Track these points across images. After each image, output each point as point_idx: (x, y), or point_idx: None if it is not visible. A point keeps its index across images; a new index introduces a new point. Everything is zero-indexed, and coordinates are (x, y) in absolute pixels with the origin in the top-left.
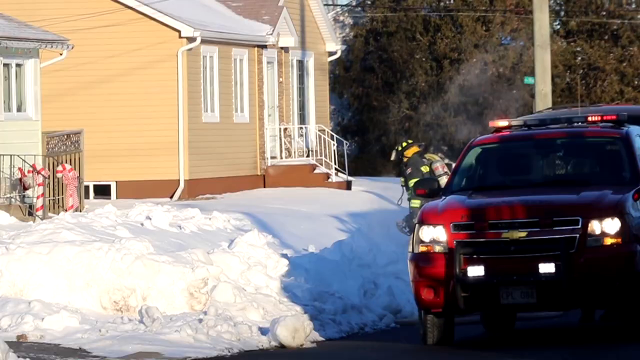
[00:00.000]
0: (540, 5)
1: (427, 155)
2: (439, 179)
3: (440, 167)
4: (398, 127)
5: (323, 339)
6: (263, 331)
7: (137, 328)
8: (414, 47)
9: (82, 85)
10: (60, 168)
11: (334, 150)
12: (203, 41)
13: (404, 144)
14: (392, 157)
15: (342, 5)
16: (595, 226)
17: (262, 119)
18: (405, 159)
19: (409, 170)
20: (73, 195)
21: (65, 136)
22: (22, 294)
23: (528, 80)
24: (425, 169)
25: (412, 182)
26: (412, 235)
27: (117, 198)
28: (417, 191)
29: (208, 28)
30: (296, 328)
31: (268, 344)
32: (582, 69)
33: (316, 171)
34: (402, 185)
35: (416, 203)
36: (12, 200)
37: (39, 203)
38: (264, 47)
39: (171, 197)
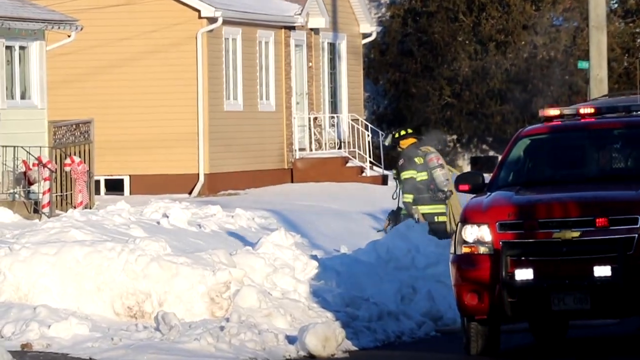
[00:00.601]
0: None
1: (423, 148)
2: (433, 171)
3: (435, 159)
4: (438, 116)
5: (356, 349)
6: (290, 340)
7: (153, 336)
8: (457, 28)
9: (92, 70)
10: (68, 161)
11: (369, 142)
12: (225, 22)
13: (402, 132)
14: (387, 142)
15: None
16: None
17: (290, 107)
18: (400, 149)
19: (401, 162)
20: (82, 190)
21: (74, 126)
22: (26, 298)
23: (582, 64)
24: (419, 160)
25: (404, 175)
26: (454, 235)
27: (130, 194)
28: (459, 187)
29: (231, 7)
30: (327, 336)
31: (296, 354)
32: None
33: (349, 164)
34: (394, 178)
35: (409, 197)
36: (16, 196)
37: (45, 199)
38: (292, 28)
39: (190, 192)
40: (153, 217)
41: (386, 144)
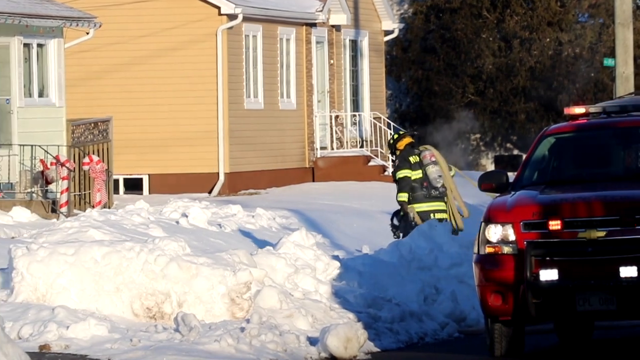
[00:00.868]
0: None
1: (422, 147)
2: (426, 168)
3: (429, 156)
4: (462, 114)
5: (378, 350)
6: (312, 341)
7: (173, 337)
8: (480, 25)
9: (111, 67)
10: (86, 160)
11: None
12: (245, 19)
13: (396, 136)
14: (388, 152)
15: None
16: None
17: (311, 105)
18: (397, 152)
19: (396, 162)
20: (101, 190)
21: (92, 124)
22: (44, 299)
23: (608, 62)
24: (414, 159)
25: (398, 175)
26: (477, 235)
27: (149, 193)
28: (483, 186)
29: (251, 4)
30: (349, 337)
31: (317, 355)
32: None
33: (371, 163)
34: (394, 180)
35: (403, 196)
36: (34, 195)
37: (63, 199)
38: (313, 25)
39: (210, 192)
40: (172, 216)
41: (388, 154)
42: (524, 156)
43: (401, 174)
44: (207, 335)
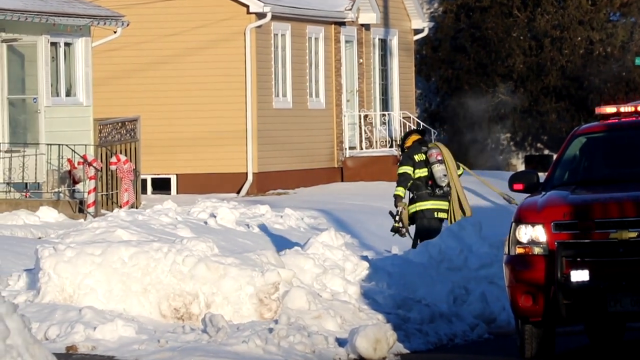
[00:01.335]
0: None
1: (431, 144)
2: (432, 166)
3: (435, 154)
4: (492, 113)
5: (408, 351)
6: (340, 342)
7: (200, 338)
8: (511, 23)
9: (139, 66)
10: (114, 159)
11: None
12: (274, 17)
13: (403, 135)
14: (400, 157)
15: None
16: None
17: (340, 104)
18: (406, 151)
19: (400, 158)
20: (128, 190)
21: (120, 124)
22: (71, 300)
23: (639, 61)
24: (419, 157)
25: (399, 170)
26: (508, 236)
27: (177, 193)
28: (513, 186)
29: (280, 2)
30: (378, 339)
31: (346, 357)
32: None
33: None
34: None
35: (399, 191)
36: (61, 195)
37: (90, 199)
38: (342, 24)
39: (238, 192)
40: (200, 216)
41: (401, 159)
42: (555, 156)
43: (402, 169)
44: (235, 336)
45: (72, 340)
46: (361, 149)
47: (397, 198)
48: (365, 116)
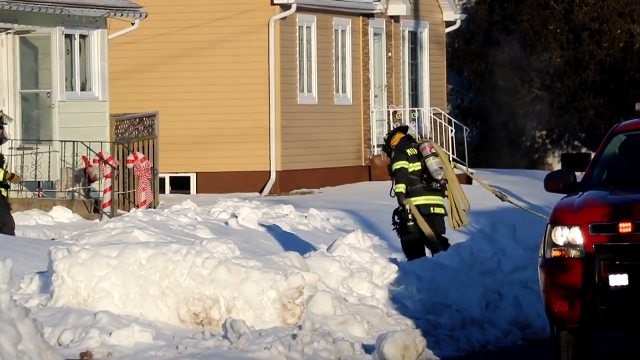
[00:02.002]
0: None
1: (419, 140)
2: (426, 160)
3: (428, 147)
4: (527, 110)
5: (438, 358)
6: (367, 349)
7: (221, 344)
8: (547, 16)
9: (157, 60)
10: (131, 157)
11: (452, 138)
12: (299, 9)
13: (386, 136)
14: (384, 154)
15: None
16: None
17: (368, 100)
18: (393, 148)
19: (393, 155)
20: (146, 189)
21: (137, 120)
22: (86, 304)
23: None
24: (411, 151)
25: (394, 166)
26: (543, 238)
27: (197, 192)
28: (549, 186)
29: None
30: (406, 345)
31: None
32: None
33: None
34: (390, 175)
35: (400, 187)
36: (75, 194)
37: (106, 198)
38: (371, 15)
39: (260, 191)
40: (221, 217)
41: (383, 157)
42: (593, 154)
43: (397, 165)
44: (257, 343)
45: (86, 346)
46: None
47: (400, 196)
48: (394, 112)
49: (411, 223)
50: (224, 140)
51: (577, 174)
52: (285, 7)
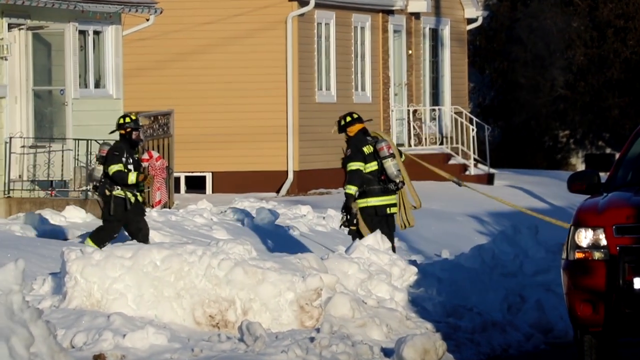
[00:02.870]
0: None
1: (373, 133)
2: (384, 161)
3: (386, 148)
4: (550, 109)
5: None
6: (386, 352)
7: (237, 347)
8: (571, 13)
9: (172, 57)
10: (145, 156)
11: (473, 137)
12: (317, 5)
13: (348, 119)
14: (334, 131)
15: None
16: None
17: (387, 99)
18: (348, 137)
19: (348, 152)
20: (161, 188)
21: (152, 118)
22: (99, 305)
23: None
24: (367, 149)
25: (350, 166)
26: (566, 240)
27: (213, 192)
28: (573, 187)
29: None
30: (426, 349)
31: None
32: None
33: (451, 162)
34: (342, 167)
35: (351, 189)
36: (89, 194)
37: None
38: (391, 12)
39: (277, 191)
40: (237, 217)
41: (332, 132)
42: (618, 155)
43: (354, 166)
44: (274, 346)
45: (100, 349)
46: (410, 146)
47: (350, 198)
48: (414, 111)
49: (354, 227)
50: (241, 139)
51: (601, 174)
52: (303, 3)
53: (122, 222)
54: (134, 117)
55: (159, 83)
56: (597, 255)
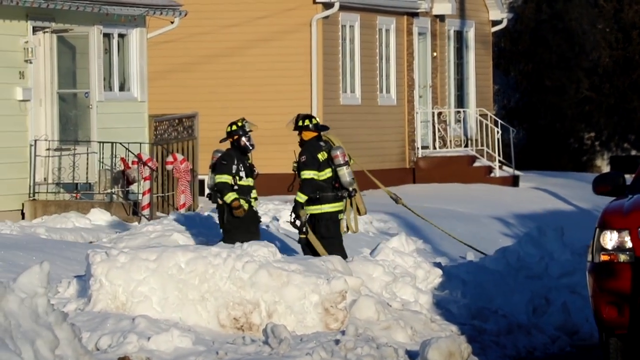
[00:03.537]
0: None
1: (325, 137)
2: (338, 169)
3: (341, 156)
4: (575, 111)
5: None
6: (411, 355)
7: (262, 350)
8: (596, 14)
9: (197, 59)
10: (170, 159)
11: (498, 139)
12: (342, 7)
13: (307, 122)
14: (289, 126)
15: None
16: None
17: (412, 101)
18: (302, 139)
19: (303, 158)
20: (185, 191)
21: (177, 120)
22: (124, 308)
23: None
24: (322, 155)
25: (304, 175)
26: (591, 242)
27: None
28: (598, 189)
29: None
30: (451, 351)
31: None
32: None
33: (476, 164)
34: (293, 170)
35: (302, 198)
36: (114, 196)
37: (145, 200)
38: (415, 15)
39: None
40: (262, 220)
41: (286, 126)
42: None
43: (308, 174)
44: (299, 348)
45: (124, 351)
46: (434, 148)
47: (299, 206)
48: (439, 113)
49: (303, 235)
50: (265, 141)
51: (627, 176)
52: (327, 5)
53: (240, 229)
54: (240, 124)
55: (184, 86)
56: (622, 257)
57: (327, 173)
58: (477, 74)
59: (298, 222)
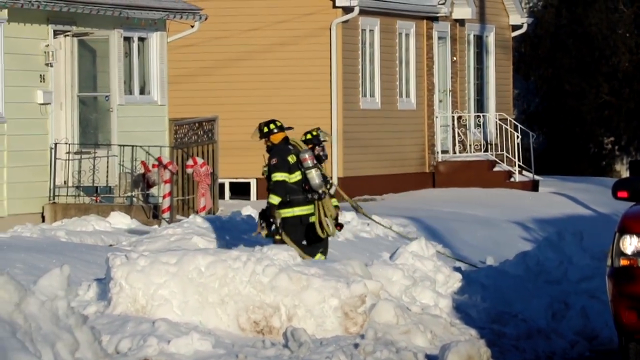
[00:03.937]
0: None
1: (292, 141)
2: (307, 172)
3: (309, 159)
4: (595, 115)
5: None
6: (431, 359)
7: (282, 354)
8: (616, 19)
9: (217, 63)
10: (190, 162)
11: (518, 144)
12: (362, 11)
13: (272, 126)
14: (255, 136)
15: None
16: None
17: (432, 105)
18: (269, 145)
19: (274, 161)
20: (205, 194)
21: (197, 124)
22: (144, 311)
23: None
24: (292, 158)
25: (275, 177)
26: (611, 247)
27: (257, 199)
28: (618, 194)
29: None
30: (470, 355)
31: None
32: None
33: (496, 168)
34: (263, 175)
35: (275, 200)
36: (134, 200)
37: (165, 204)
38: (435, 19)
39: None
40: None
41: (251, 137)
42: None
43: (280, 177)
44: (318, 352)
45: (144, 354)
46: (454, 153)
47: (273, 208)
48: (459, 118)
49: (279, 237)
50: None
51: None
52: (347, 10)
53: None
54: (315, 133)
55: (204, 89)
56: None
57: (297, 176)
58: (497, 78)
59: (272, 226)
